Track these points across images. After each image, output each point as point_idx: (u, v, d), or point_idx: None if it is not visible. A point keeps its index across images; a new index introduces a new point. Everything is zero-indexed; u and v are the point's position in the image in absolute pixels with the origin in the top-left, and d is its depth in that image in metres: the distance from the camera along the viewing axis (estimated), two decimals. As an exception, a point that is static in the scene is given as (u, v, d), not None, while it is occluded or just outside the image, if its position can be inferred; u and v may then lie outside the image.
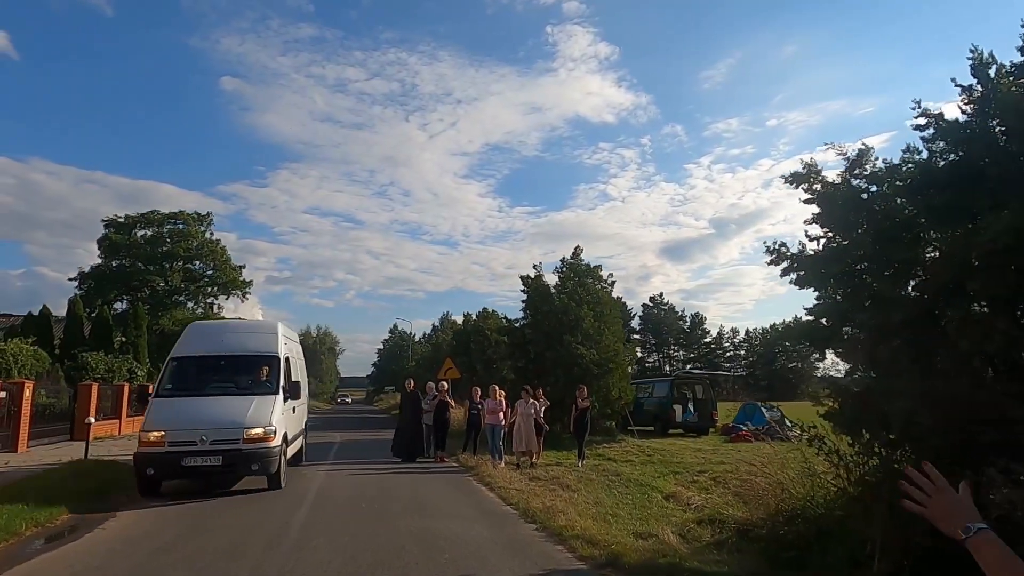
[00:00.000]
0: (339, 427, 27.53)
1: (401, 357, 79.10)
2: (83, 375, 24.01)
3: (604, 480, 11.62)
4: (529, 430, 13.57)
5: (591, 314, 19.21)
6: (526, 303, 20.51)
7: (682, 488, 10.72)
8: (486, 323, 31.26)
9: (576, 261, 20.34)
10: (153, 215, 34.16)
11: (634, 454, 16.09)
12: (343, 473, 12.14)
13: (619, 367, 18.90)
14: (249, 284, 35.48)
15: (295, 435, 12.02)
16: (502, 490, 10.22)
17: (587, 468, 13.44)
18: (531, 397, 14.00)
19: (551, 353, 18.89)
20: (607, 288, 20.26)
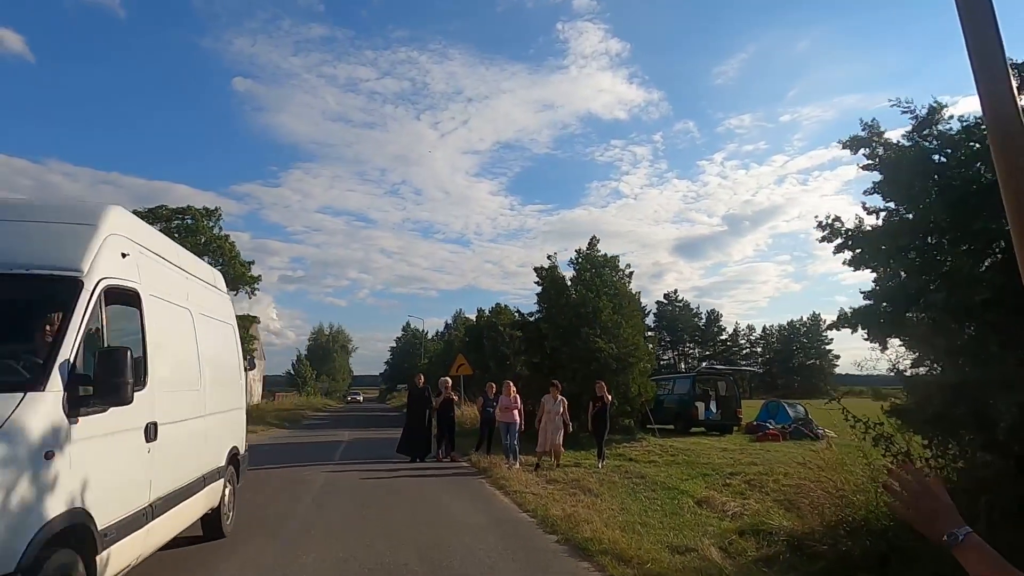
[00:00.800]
0: (348, 425, 26.86)
1: (414, 355, 78.54)
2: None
3: (628, 483, 10.73)
4: (556, 429, 12.70)
5: (609, 306, 18.28)
6: (541, 296, 19.62)
7: (714, 493, 9.80)
8: (499, 318, 30.45)
9: (592, 252, 19.41)
10: (161, 210, 33.58)
11: (657, 454, 15.18)
12: (346, 475, 11.35)
13: (639, 362, 17.97)
14: (257, 279, 34.81)
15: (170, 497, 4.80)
16: (517, 495, 9.36)
17: (608, 469, 12.56)
18: (559, 393, 13.13)
19: (567, 347, 17.99)
20: (625, 280, 19.32)
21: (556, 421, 12.68)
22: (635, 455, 14.98)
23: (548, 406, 12.82)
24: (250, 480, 10.69)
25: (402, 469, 12.38)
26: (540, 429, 12.81)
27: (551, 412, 12.72)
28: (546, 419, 12.75)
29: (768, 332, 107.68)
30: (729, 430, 20.86)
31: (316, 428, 25.30)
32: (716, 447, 16.69)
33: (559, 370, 17.95)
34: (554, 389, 13.08)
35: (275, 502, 8.65)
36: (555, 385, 13.25)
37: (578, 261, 19.40)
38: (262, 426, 24.15)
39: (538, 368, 18.53)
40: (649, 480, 11.00)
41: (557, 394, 12.99)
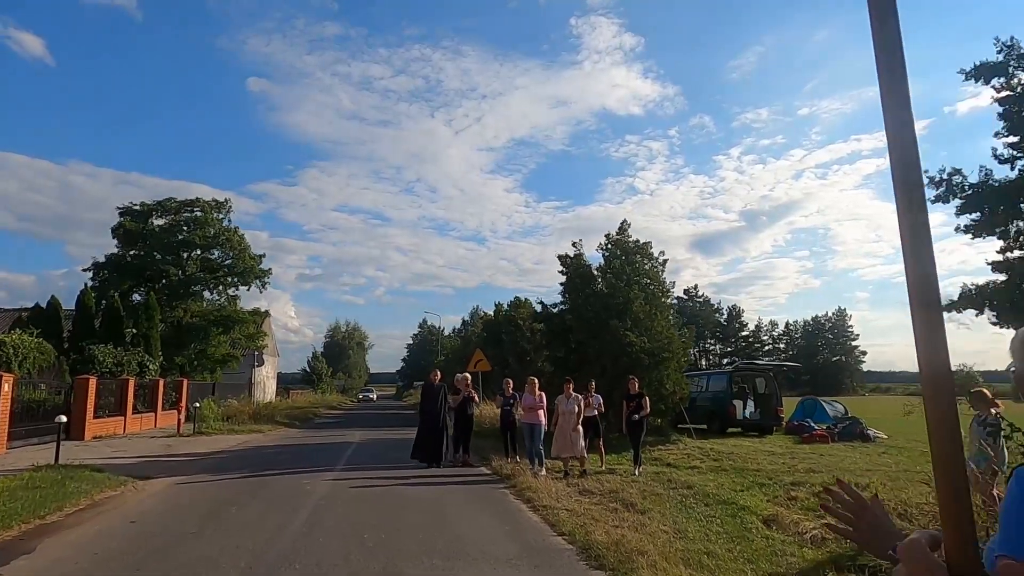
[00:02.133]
0: (360, 424, 25.56)
1: (430, 352, 77.49)
2: (90, 369, 22.42)
3: (675, 495, 9.22)
4: (573, 431, 11.23)
5: (641, 296, 16.75)
6: (565, 285, 18.13)
7: (781, 509, 8.27)
8: (518, 312, 29.00)
9: (622, 237, 17.87)
10: (169, 202, 32.59)
11: (697, 458, 13.64)
12: (351, 484, 9.95)
13: (674, 357, 16.41)
14: (268, 273, 33.70)
15: None
16: (548, 511, 7.91)
17: (646, 477, 11.07)
18: (572, 389, 11.65)
19: (595, 341, 16.49)
20: (658, 268, 17.76)
21: (573, 422, 11.23)
22: (673, 459, 13.48)
23: (562, 406, 11.38)
24: (242, 490, 9.36)
25: (414, 476, 10.98)
26: (556, 432, 11.37)
27: (566, 413, 11.27)
28: (561, 421, 11.31)
29: (792, 328, 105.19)
30: (769, 431, 19.22)
31: (327, 428, 24.04)
32: (761, 450, 15.09)
33: (586, 366, 16.49)
34: (566, 386, 11.62)
35: (262, 520, 7.27)
36: (568, 381, 11.79)
37: (607, 248, 17.87)
38: (270, 425, 22.94)
39: (563, 363, 17.07)
40: (698, 491, 9.49)
41: (570, 391, 11.53)
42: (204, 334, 31.13)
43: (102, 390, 19.80)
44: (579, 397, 11.63)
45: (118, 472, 10.97)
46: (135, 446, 16.32)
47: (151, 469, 11.82)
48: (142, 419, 21.89)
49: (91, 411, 18.03)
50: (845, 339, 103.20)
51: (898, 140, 0.86)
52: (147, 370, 24.81)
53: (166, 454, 14.60)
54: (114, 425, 19.65)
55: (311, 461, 12.93)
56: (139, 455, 14.28)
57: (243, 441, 17.71)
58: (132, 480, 10.09)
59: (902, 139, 0.86)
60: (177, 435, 19.19)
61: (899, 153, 0.86)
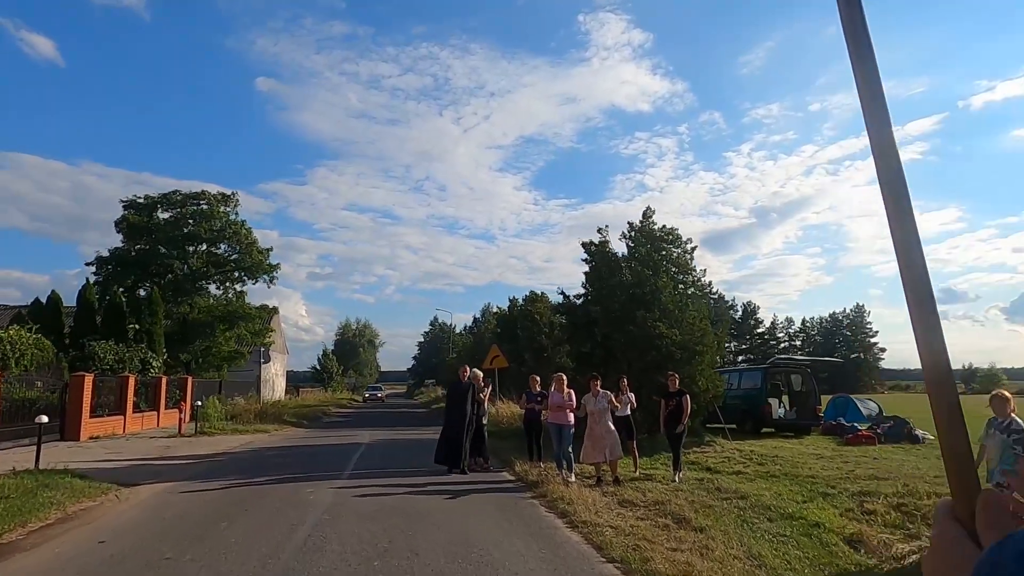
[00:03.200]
0: (370, 424, 24.48)
1: (442, 349, 76.44)
2: (90, 366, 21.51)
3: (730, 508, 8.02)
4: (606, 433, 10.05)
5: (671, 285, 15.53)
6: (589, 275, 16.91)
7: (860, 525, 7.06)
8: (535, 307, 27.81)
9: (647, 223, 16.63)
10: (174, 195, 31.67)
11: (739, 461, 12.44)
12: (359, 494, 8.83)
13: (707, 351, 15.16)
14: (276, 268, 32.71)
15: None
16: (589, 529, 6.74)
17: (689, 484, 9.88)
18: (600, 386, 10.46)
19: (621, 334, 15.28)
20: (687, 255, 16.51)
21: (603, 423, 10.05)
22: (712, 463, 12.27)
23: (590, 406, 10.20)
24: (236, 501, 8.26)
25: (429, 484, 9.84)
26: (585, 435, 10.19)
27: (595, 413, 10.10)
28: (590, 422, 10.13)
29: (808, 325, 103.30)
30: (806, 431, 17.94)
31: (336, 427, 22.99)
32: (806, 452, 13.84)
33: (612, 361, 15.31)
34: (593, 383, 10.41)
35: (253, 541, 6.14)
36: (594, 378, 10.56)
37: (630, 236, 16.64)
38: (276, 425, 21.91)
39: (587, 359, 15.86)
40: (755, 503, 8.28)
41: (597, 388, 10.34)
42: (210, 330, 30.21)
43: (101, 388, 18.85)
44: (608, 394, 10.44)
45: (104, 478, 9.94)
46: (132, 447, 15.32)
47: (141, 474, 10.78)
48: (143, 418, 20.94)
49: (87, 410, 17.06)
50: (863, 335, 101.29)
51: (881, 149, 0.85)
52: (150, 367, 23.86)
53: (162, 457, 13.58)
54: (113, 425, 18.69)
55: (316, 465, 11.83)
56: (133, 458, 13.26)
57: (246, 442, 16.68)
58: (115, 488, 9.03)
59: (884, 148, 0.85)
60: (178, 435, 18.21)
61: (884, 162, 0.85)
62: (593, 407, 10.16)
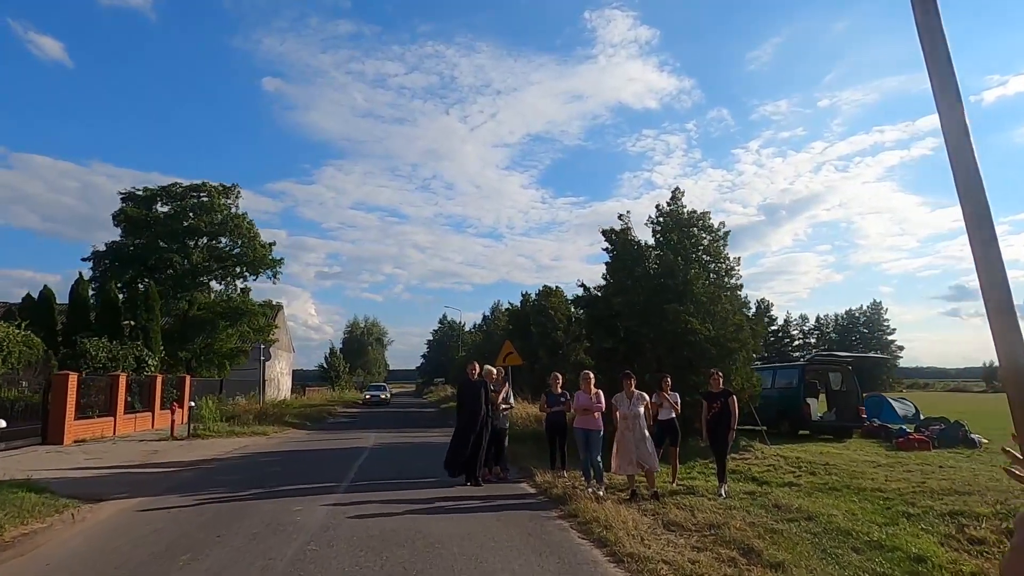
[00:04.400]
0: (376, 425, 23.19)
1: (451, 347, 75.28)
2: (81, 364, 20.37)
3: (799, 531, 6.64)
4: (640, 440, 8.69)
5: (703, 274, 14.14)
6: (610, 265, 15.53)
7: (972, 558, 5.67)
8: (549, 302, 26.45)
9: (676, 207, 15.23)
10: (174, 188, 30.50)
11: (786, 470, 11.05)
12: (355, 514, 7.51)
13: (744, 347, 13.76)
14: (280, 263, 31.47)
15: None
16: (638, 564, 5.40)
17: (739, 499, 8.52)
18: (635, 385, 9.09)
19: (648, 328, 13.91)
20: (720, 242, 15.07)
21: (638, 428, 8.68)
22: (757, 471, 10.89)
23: (622, 408, 8.82)
24: (210, 523, 6.96)
25: (438, 499, 8.53)
26: (617, 441, 8.82)
27: (628, 416, 8.73)
28: (622, 427, 8.76)
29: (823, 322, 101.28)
30: (848, 433, 16.48)
31: (340, 429, 21.72)
32: (859, 459, 12.42)
33: (637, 358, 13.94)
34: (627, 382, 9.01)
35: None
36: (628, 376, 9.14)
37: (658, 220, 15.24)
38: (277, 427, 20.65)
39: (610, 355, 14.48)
40: (826, 524, 6.89)
41: (632, 389, 8.95)
42: (211, 327, 29.05)
43: (89, 388, 17.68)
44: (643, 396, 9.06)
45: (69, 491, 8.69)
46: (117, 452, 14.12)
47: (114, 485, 9.53)
48: (136, 419, 19.76)
49: (71, 411, 15.86)
50: (880, 333, 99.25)
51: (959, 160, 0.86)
52: (146, 365, 22.71)
53: (146, 463, 12.34)
54: (102, 427, 17.51)
55: (311, 475, 10.53)
56: (113, 465, 12.05)
57: (241, 446, 15.43)
58: (75, 504, 7.76)
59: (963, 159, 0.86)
60: (171, 438, 17.00)
61: (963, 175, 0.86)
62: (626, 410, 8.80)
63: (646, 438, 8.75)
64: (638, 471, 8.83)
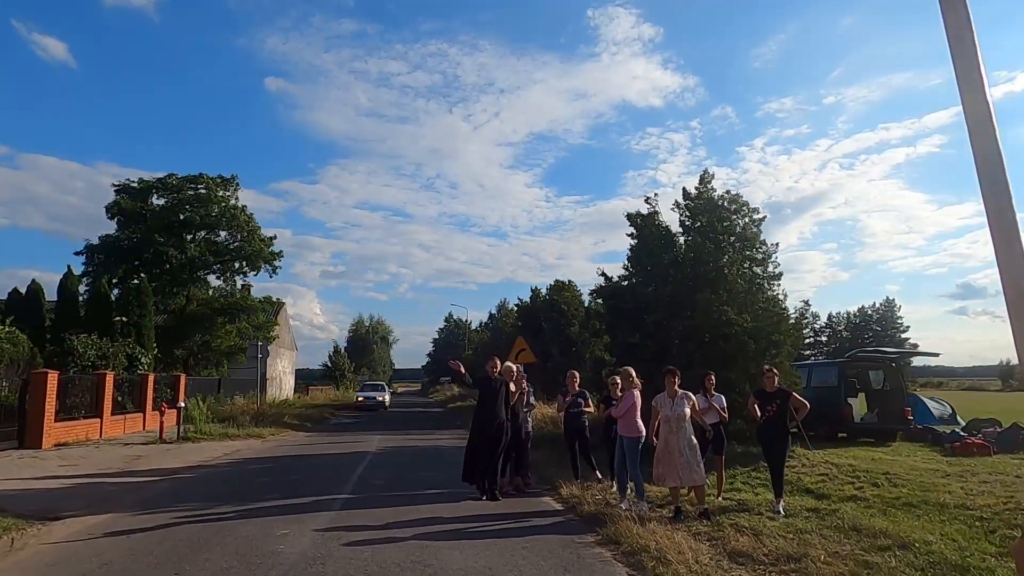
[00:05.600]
0: (380, 427, 21.94)
1: (457, 346, 74.04)
2: (68, 362, 19.22)
3: (899, 565, 5.33)
4: (686, 448, 7.38)
5: (738, 261, 12.83)
6: (635, 252, 14.23)
7: None
8: (561, 296, 25.15)
9: (705, 190, 13.90)
10: (170, 179, 29.30)
11: (842, 479, 9.72)
12: (350, 541, 6.25)
13: (785, 341, 12.44)
14: (279, 256, 30.27)
15: None
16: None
17: (805, 519, 7.22)
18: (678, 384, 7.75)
19: (679, 321, 12.61)
20: (754, 227, 13.72)
21: (683, 433, 7.37)
22: (810, 482, 9.59)
23: (665, 410, 7.50)
24: (175, 550, 5.70)
25: (449, 518, 7.27)
26: (659, 449, 7.51)
27: (671, 419, 7.42)
28: (664, 431, 7.46)
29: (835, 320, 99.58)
30: (892, 436, 15.14)
31: (341, 430, 20.47)
32: (918, 466, 11.09)
33: (665, 355, 12.64)
34: (670, 379, 7.65)
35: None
36: (672, 373, 7.77)
37: (687, 204, 13.92)
38: (274, 429, 19.42)
39: (634, 352, 13.17)
40: (926, 556, 5.58)
41: (675, 387, 7.62)
42: (208, 324, 27.89)
43: (72, 387, 16.52)
44: (690, 396, 7.76)
45: (27, 505, 7.53)
46: (96, 458, 12.92)
47: (77, 499, 8.31)
48: (126, 421, 18.59)
49: (51, 413, 14.68)
50: (894, 331, 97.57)
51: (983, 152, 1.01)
52: (138, 364, 21.54)
53: (125, 471, 11.14)
54: (86, 429, 16.33)
55: (303, 487, 9.26)
56: (88, 473, 10.84)
57: (232, 451, 14.22)
58: (23, 525, 6.54)
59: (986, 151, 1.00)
60: (159, 441, 15.81)
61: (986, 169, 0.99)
62: (669, 412, 7.50)
63: (692, 446, 7.45)
64: (683, 484, 7.55)
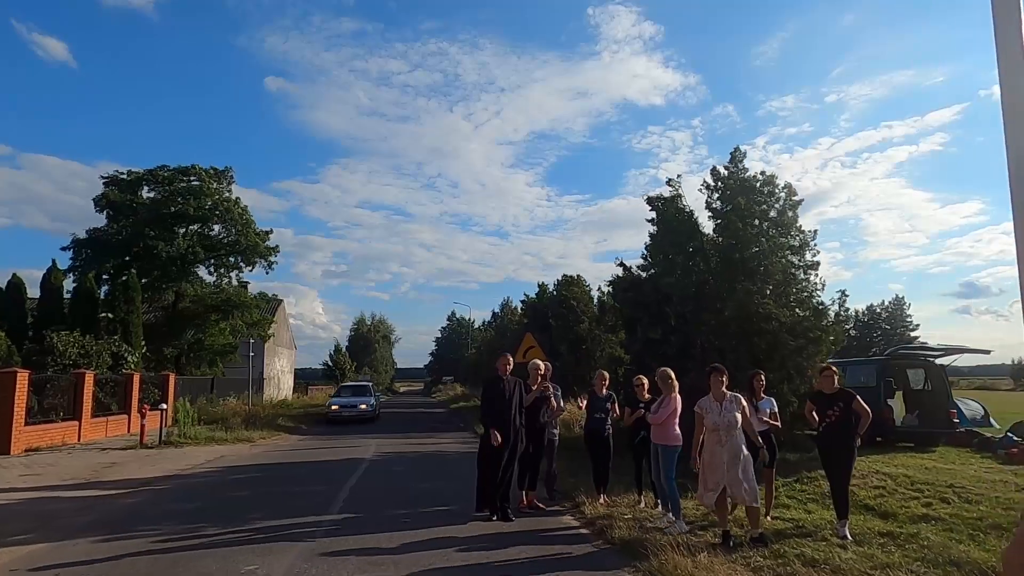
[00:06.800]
0: (379, 429, 20.70)
1: (460, 345, 72.89)
2: (48, 361, 18.06)
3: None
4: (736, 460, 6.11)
5: (775, 247, 11.58)
6: (655, 239, 12.99)
7: None
8: (570, 291, 23.91)
9: (736, 169, 12.65)
10: (162, 171, 28.12)
11: (904, 494, 8.49)
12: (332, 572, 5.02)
13: (826, 336, 11.18)
14: (275, 251, 29.08)
15: None
16: None
17: (877, 545, 5.99)
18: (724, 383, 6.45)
19: (711, 315, 11.37)
20: (790, 209, 12.44)
21: (733, 445, 6.10)
22: (866, 495, 8.38)
23: (711, 416, 6.21)
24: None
25: (454, 544, 6.04)
26: (705, 462, 6.23)
27: (720, 427, 6.14)
28: (710, 441, 6.19)
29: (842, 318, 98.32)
30: (935, 441, 13.86)
31: (337, 433, 19.24)
32: (982, 477, 9.83)
33: (689, 352, 11.43)
34: (716, 379, 6.35)
35: None
36: (719, 372, 6.46)
37: (716, 185, 12.67)
38: (266, 432, 18.19)
39: (657, 348, 11.92)
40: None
41: (723, 387, 6.34)
42: (201, 321, 26.72)
43: (49, 388, 15.36)
44: (738, 397, 6.47)
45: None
46: (65, 465, 11.75)
47: (21, 519, 7.13)
48: (108, 423, 17.41)
49: (20, 415, 13.51)
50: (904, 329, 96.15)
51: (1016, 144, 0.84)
52: (124, 362, 20.37)
53: (89, 482, 9.94)
54: (62, 432, 15.14)
55: (285, 504, 8.02)
56: (49, 484, 9.66)
57: (216, 456, 13.02)
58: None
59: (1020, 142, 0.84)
60: (139, 446, 14.62)
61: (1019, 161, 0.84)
62: (718, 419, 6.23)
63: (744, 458, 6.19)
64: (734, 504, 6.31)
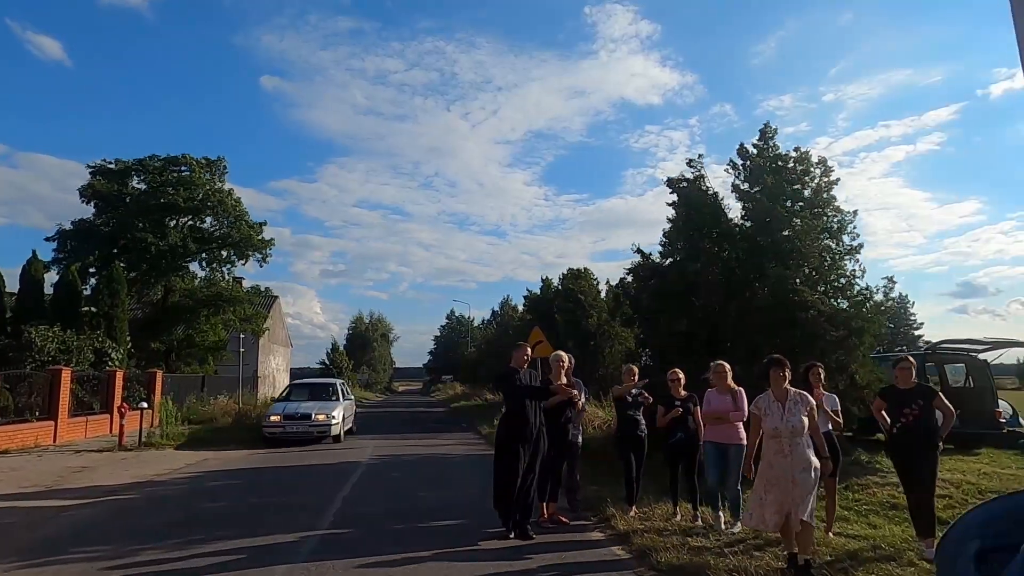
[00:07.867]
0: (376, 429, 19.58)
1: (459, 343, 71.73)
2: (25, 357, 16.96)
3: None
4: (804, 472, 5.00)
5: (811, 229, 10.51)
6: (676, 224, 11.90)
7: None
8: (578, 284, 22.83)
9: (767, 146, 11.58)
10: (151, 161, 27.01)
11: (972, 502, 7.39)
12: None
13: (868, 328, 10.11)
14: (270, 244, 27.94)
15: None
16: None
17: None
18: (789, 379, 5.34)
19: (742, 303, 10.31)
20: (825, 190, 11.34)
21: (799, 453, 4.99)
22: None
23: (771, 419, 5.09)
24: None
25: (462, 562, 4.95)
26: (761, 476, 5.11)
27: (782, 432, 5.01)
28: (770, 449, 5.07)
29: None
30: (977, 443, 12.82)
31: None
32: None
33: (720, 344, 10.36)
34: (777, 374, 5.25)
35: None
36: (780, 365, 5.35)
37: (744, 165, 11.60)
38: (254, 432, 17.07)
39: (683, 341, 10.84)
40: None
41: (785, 385, 5.25)
42: (191, 316, 25.61)
43: (21, 385, 14.29)
44: (805, 396, 5.37)
45: None
46: (30, 470, 10.66)
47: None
48: (88, 423, 16.32)
49: (-15, 415, 12.43)
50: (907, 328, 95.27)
51: None
52: (108, 359, 19.28)
53: (50, 489, 8.85)
54: (36, 433, 14.04)
55: (266, 517, 6.93)
56: (4, 493, 8.56)
57: (198, 460, 11.93)
58: None
59: None
60: (117, 448, 13.54)
61: None
62: (780, 423, 5.10)
63: (813, 468, 5.08)
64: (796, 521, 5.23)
